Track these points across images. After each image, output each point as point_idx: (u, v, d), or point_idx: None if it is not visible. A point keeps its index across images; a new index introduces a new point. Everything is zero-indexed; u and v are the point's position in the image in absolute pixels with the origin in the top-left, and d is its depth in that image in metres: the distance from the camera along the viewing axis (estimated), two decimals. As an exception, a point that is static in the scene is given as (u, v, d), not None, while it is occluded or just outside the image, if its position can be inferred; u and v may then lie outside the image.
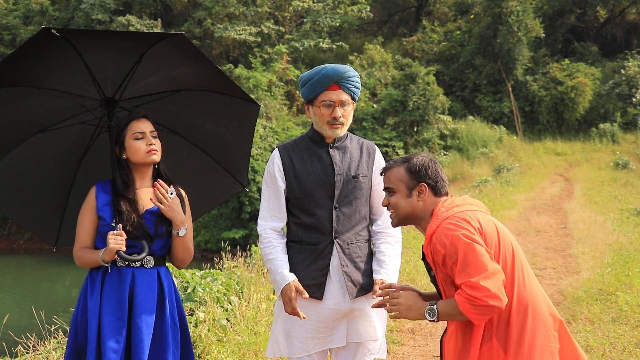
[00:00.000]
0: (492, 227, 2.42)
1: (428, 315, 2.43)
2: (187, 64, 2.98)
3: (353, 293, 2.91)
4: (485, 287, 2.24)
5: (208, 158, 3.29)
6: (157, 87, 3.06)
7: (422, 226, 2.53)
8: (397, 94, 22.56)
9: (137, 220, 2.80)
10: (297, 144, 3.02)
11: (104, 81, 2.88)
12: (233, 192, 3.52)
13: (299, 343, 2.93)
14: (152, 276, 2.84)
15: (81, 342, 2.77)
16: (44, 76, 2.79)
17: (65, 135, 3.08)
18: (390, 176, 2.56)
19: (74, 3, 27.63)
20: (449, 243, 2.33)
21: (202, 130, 3.20)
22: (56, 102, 2.92)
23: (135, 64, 2.83)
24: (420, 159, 2.54)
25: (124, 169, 2.85)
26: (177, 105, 3.14)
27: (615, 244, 8.94)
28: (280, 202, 2.98)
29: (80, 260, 2.83)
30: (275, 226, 2.99)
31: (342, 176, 2.93)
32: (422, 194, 2.51)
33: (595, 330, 5.40)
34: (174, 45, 2.80)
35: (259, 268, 6.55)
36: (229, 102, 3.17)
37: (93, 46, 2.74)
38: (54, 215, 3.24)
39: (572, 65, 25.53)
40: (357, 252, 2.96)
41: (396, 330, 5.66)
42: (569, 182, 18.01)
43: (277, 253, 2.94)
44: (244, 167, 3.38)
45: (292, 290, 2.82)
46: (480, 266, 2.27)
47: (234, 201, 20.05)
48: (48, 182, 3.19)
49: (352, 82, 2.91)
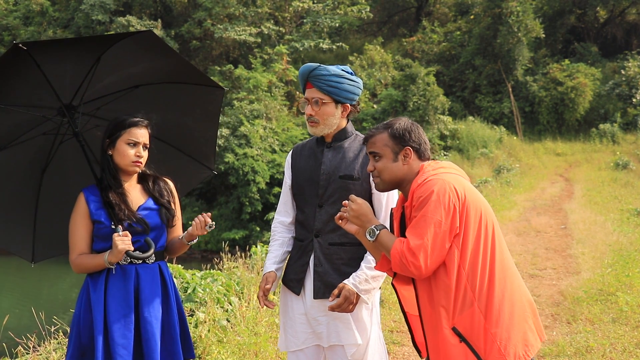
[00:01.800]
0: (475, 196, 2.46)
1: (368, 235, 2.49)
2: (149, 59, 2.96)
3: (318, 293, 2.92)
4: (417, 257, 2.34)
5: (171, 148, 3.29)
6: (116, 87, 3.04)
7: (406, 189, 2.56)
8: (397, 94, 22.57)
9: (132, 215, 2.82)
10: (306, 143, 3.10)
11: (61, 88, 2.84)
12: (202, 177, 3.56)
13: (291, 337, 3.01)
14: (154, 271, 2.88)
15: (85, 342, 2.76)
16: (3, 93, 2.74)
17: (26, 149, 3.04)
18: (375, 142, 2.57)
19: (74, 4, 27.64)
20: (423, 198, 2.39)
21: (164, 123, 3.16)
22: (15, 117, 2.88)
23: (92, 67, 2.80)
24: (402, 123, 2.57)
25: (109, 164, 2.86)
26: (136, 102, 3.12)
27: (616, 245, 8.94)
28: (288, 198, 3.10)
29: (80, 267, 2.80)
30: (283, 220, 3.10)
31: (327, 175, 2.93)
32: (407, 157, 2.54)
33: (595, 330, 5.40)
34: (137, 42, 2.80)
35: (259, 268, 6.55)
36: (190, 90, 3.18)
37: (52, 55, 2.71)
38: (25, 231, 3.19)
39: (572, 66, 25.54)
40: (340, 254, 2.92)
41: (396, 330, 5.66)
42: (569, 183, 18.01)
43: (274, 245, 3.08)
44: (210, 151, 3.43)
45: (264, 281, 2.98)
46: (426, 234, 2.35)
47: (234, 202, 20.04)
48: (14, 199, 3.14)
49: (323, 80, 2.88)
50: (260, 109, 21.36)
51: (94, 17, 25.86)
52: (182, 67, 3.02)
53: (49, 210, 2.99)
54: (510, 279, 2.44)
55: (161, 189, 2.98)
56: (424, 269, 2.34)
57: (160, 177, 3.02)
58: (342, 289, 2.78)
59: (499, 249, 2.45)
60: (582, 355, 4.83)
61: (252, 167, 19.54)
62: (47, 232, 3.18)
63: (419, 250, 2.33)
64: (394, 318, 5.96)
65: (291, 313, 3.01)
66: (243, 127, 20.22)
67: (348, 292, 2.77)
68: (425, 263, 2.34)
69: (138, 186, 2.95)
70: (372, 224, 2.50)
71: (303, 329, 2.97)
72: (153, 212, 2.90)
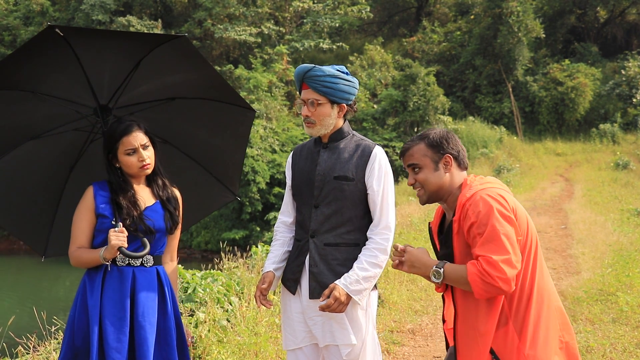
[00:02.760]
0: (523, 212, 2.43)
1: (433, 277, 2.40)
2: (186, 70, 2.95)
3: (313, 293, 2.92)
4: (502, 269, 2.24)
5: (200, 168, 3.28)
6: (152, 95, 3.04)
7: (450, 201, 2.51)
8: (397, 94, 22.57)
9: (138, 216, 2.79)
10: (306, 144, 3.12)
11: (99, 87, 2.84)
12: (224, 202, 3.53)
13: (289, 335, 3.03)
14: (152, 275, 2.85)
15: (78, 343, 2.73)
16: (42, 80, 2.75)
17: (57, 142, 3.03)
18: (412, 154, 2.52)
19: (75, 4, 27.66)
20: (483, 213, 2.31)
21: (195, 140, 3.18)
22: (51, 108, 2.88)
23: (132, 70, 2.80)
24: (438, 132, 2.53)
25: (117, 175, 2.85)
26: (171, 114, 3.12)
27: (616, 245, 8.94)
28: (289, 199, 3.13)
29: (77, 260, 2.79)
30: (284, 220, 3.14)
31: (322, 176, 2.93)
32: (448, 165, 2.49)
33: (595, 330, 5.40)
34: (174, 49, 2.78)
35: (259, 268, 6.55)
36: (224, 110, 3.15)
37: (92, 49, 2.71)
38: (43, 224, 3.19)
39: (572, 66, 25.53)
40: (336, 254, 2.91)
41: (396, 330, 5.66)
42: (569, 183, 18.00)
43: (275, 245, 3.11)
44: (236, 175, 3.38)
45: (261, 280, 3.01)
46: (504, 248, 2.27)
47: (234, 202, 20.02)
48: (38, 190, 3.14)
49: (318, 81, 2.87)
50: (260, 109, 21.37)
51: (94, 17, 25.87)
52: (217, 83, 2.99)
53: (70, 208, 2.95)
54: (547, 302, 2.40)
55: (169, 195, 2.96)
56: (512, 280, 2.26)
57: (169, 185, 2.99)
58: (333, 290, 2.78)
59: (540, 267, 2.41)
60: (582, 356, 4.83)
61: (252, 167, 19.54)
62: (64, 229, 3.13)
63: (504, 263, 2.25)
64: (394, 318, 5.96)
65: (289, 312, 3.03)
66: (243, 127, 20.21)
67: (338, 293, 2.77)
68: (511, 274, 2.26)
69: (147, 189, 2.93)
70: (431, 266, 2.41)
71: (300, 327, 2.99)
72: (158, 215, 2.88)
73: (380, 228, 2.89)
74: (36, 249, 3.26)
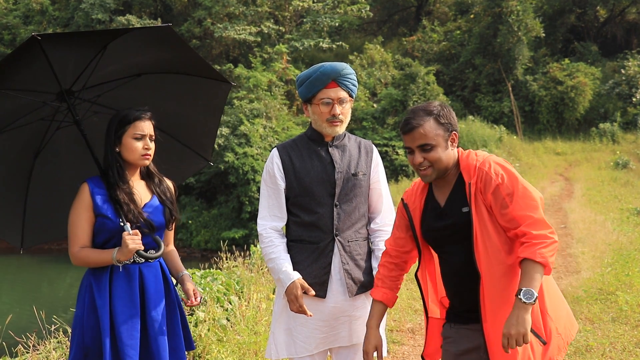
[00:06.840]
0: None
1: (533, 301, 2.24)
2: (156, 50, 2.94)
3: (353, 291, 2.94)
4: (546, 223, 2.32)
5: (166, 136, 3.25)
6: (118, 74, 3.02)
7: (451, 174, 2.51)
8: (397, 93, 22.56)
9: (138, 213, 2.80)
10: (295, 143, 3.03)
11: (63, 74, 2.79)
12: (197, 167, 3.59)
13: (301, 342, 2.94)
14: (156, 269, 2.88)
15: (88, 343, 2.73)
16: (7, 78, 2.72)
17: (21, 134, 2.99)
18: (426, 133, 2.42)
19: (74, 3, 27.60)
20: (507, 175, 2.38)
21: (161, 111, 3.12)
22: (14, 101, 2.84)
23: (97, 54, 2.76)
24: (441, 107, 2.49)
25: (117, 161, 2.83)
26: (137, 90, 3.11)
27: (615, 244, 8.94)
28: (280, 202, 2.98)
29: (84, 260, 2.76)
30: (275, 225, 2.98)
31: (343, 174, 2.94)
32: (454, 142, 2.50)
33: (595, 329, 5.40)
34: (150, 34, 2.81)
35: (259, 268, 6.55)
36: (195, 82, 3.17)
37: (61, 44, 2.69)
38: (15, 216, 3.17)
39: (572, 65, 25.51)
40: (357, 249, 2.98)
41: (396, 330, 5.66)
42: (569, 182, 18.00)
43: (280, 252, 2.93)
44: (208, 143, 3.44)
45: (297, 288, 2.82)
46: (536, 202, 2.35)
47: (234, 201, 20.04)
48: (5, 184, 3.11)
49: (349, 80, 2.93)
50: (260, 108, 21.36)
51: (94, 16, 25.83)
52: (189, 59, 3.01)
53: (40, 197, 2.95)
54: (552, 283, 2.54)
55: (165, 189, 2.97)
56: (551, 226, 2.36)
57: (163, 178, 3.01)
58: None
59: None
60: (581, 355, 4.83)
61: (252, 166, 19.55)
62: (37, 218, 3.15)
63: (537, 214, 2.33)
64: (393, 318, 5.96)
65: (302, 318, 2.92)
66: (243, 126, 20.22)
67: None
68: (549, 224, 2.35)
69: (142, 182, 2.93)
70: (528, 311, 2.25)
71: (316, 333, 2.93)
72: (157, 211, 2.89)
73: (388, 220, 3.03)
74: (13, 242, 3.23)
